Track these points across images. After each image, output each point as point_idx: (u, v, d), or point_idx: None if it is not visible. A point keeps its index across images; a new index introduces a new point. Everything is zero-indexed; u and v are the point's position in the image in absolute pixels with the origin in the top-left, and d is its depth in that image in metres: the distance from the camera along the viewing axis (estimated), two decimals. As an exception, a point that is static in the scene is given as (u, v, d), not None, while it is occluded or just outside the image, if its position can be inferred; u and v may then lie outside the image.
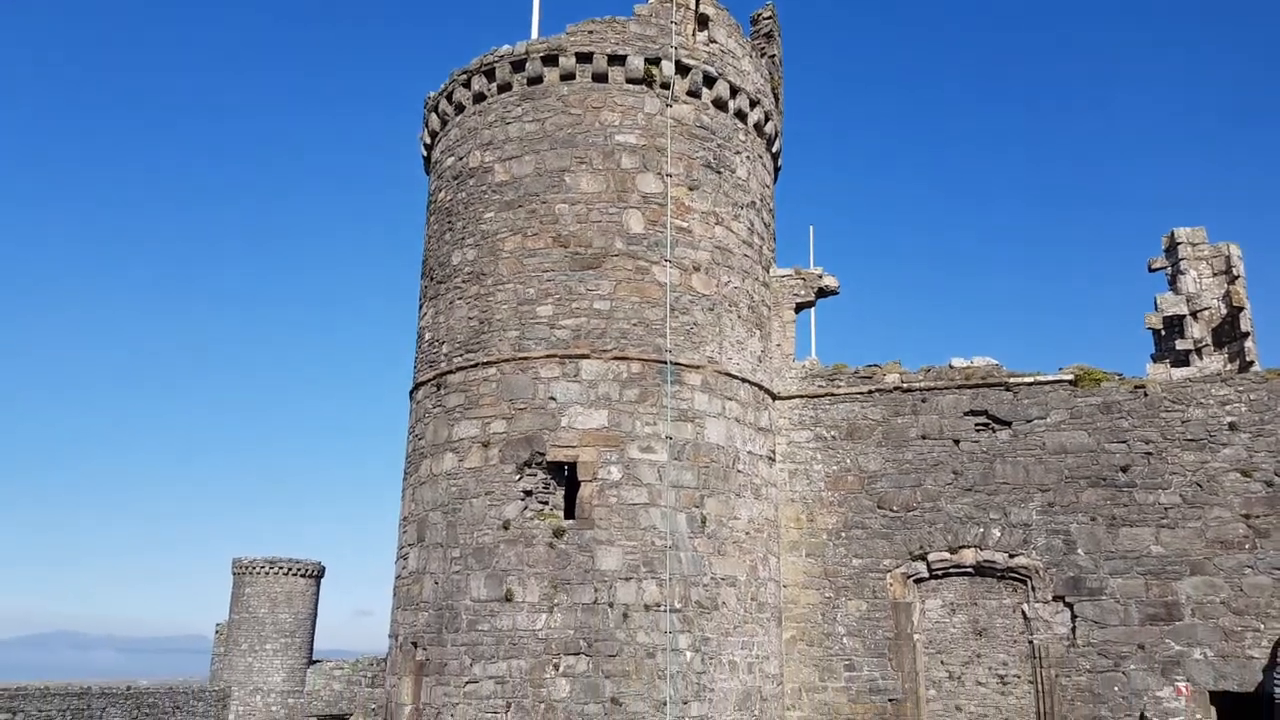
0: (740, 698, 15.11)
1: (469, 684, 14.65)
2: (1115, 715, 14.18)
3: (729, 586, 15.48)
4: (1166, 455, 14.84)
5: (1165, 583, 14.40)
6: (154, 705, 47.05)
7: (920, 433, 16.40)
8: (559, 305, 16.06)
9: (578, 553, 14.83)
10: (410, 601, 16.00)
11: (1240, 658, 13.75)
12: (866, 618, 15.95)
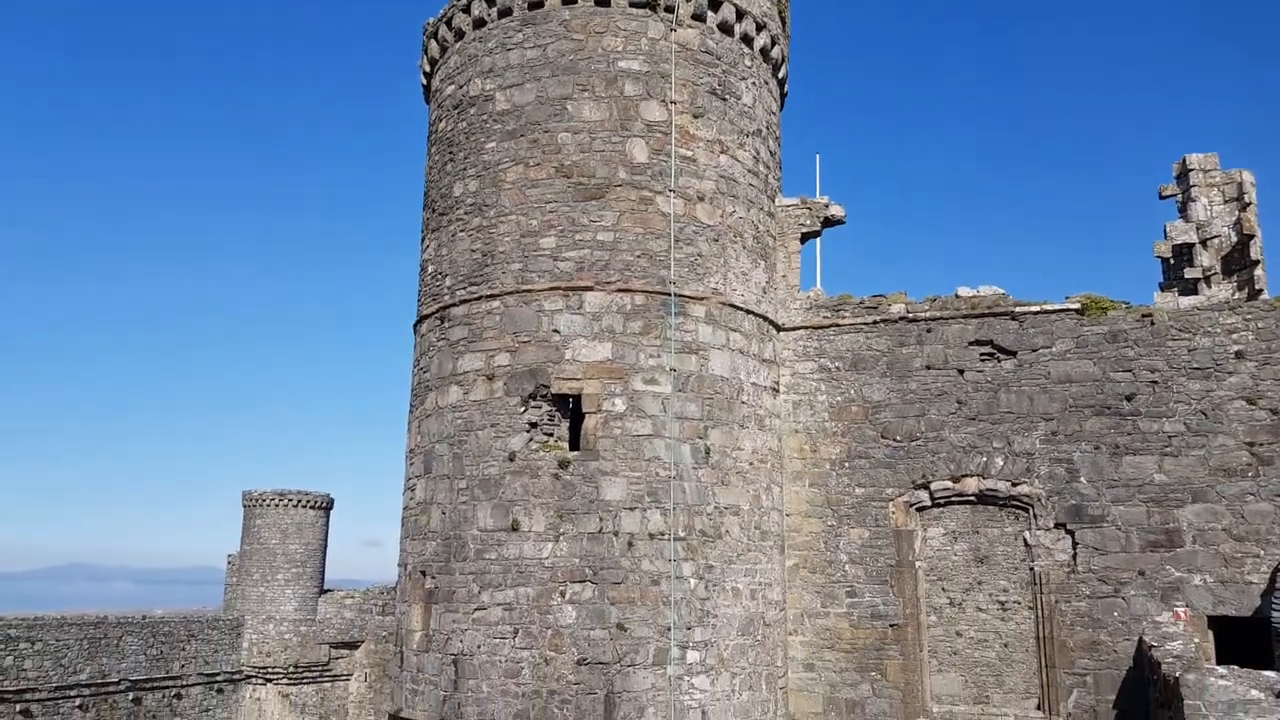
0: (743, 623, 15.37)
1: (477, 610, 14.91)
2: (1114, 640, 14.41)
3: (732, 515, 15.64)
4: (1172, 384, 14.82)
5: (1167, 510, 14.50)
6: (170, 634, 48.16)
7: (925, 363, 16.38)
8: (562, 237, 15.93)
9: (583, 483, 14.96)
10: (418, 531, 16.20)
11: (1239, 583, 13.92)
12: (869, 545, 16.13)
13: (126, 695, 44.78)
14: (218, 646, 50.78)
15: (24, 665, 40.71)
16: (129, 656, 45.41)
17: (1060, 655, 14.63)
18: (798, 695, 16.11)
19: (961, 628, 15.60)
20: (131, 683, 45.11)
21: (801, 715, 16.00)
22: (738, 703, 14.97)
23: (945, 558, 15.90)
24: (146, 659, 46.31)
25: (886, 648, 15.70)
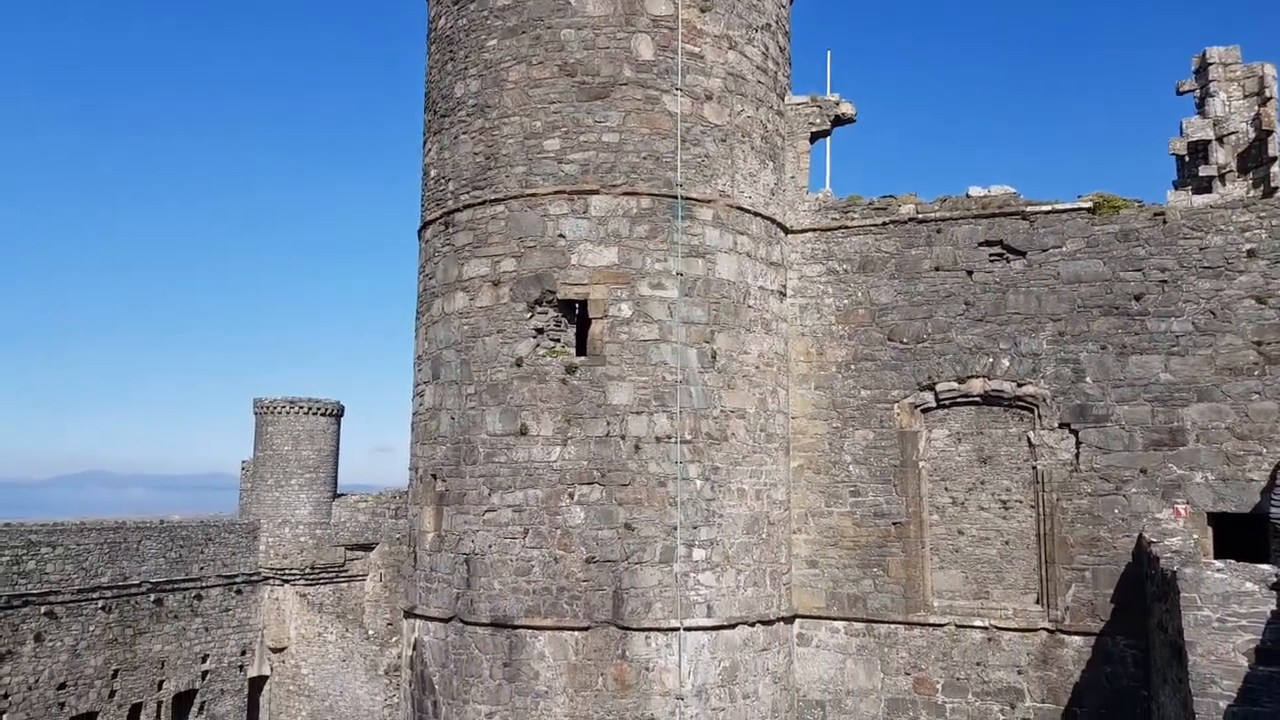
0: (748, 522, 15.66)
1: (488, 512, 15.20)
2: (1113, 536, 14.67)
3: (738, 419, 15.77)
4: (1182, 283, 14.72)
5: (1171, 409, 14.57)
6: (187, 538, 49.29)
7: (933, 264, 16.25)
8: (566, 139, 15.65)
9: (589, 388, 15.05)
10: (428, 436, 16.40)
11: (1240, 480, 14.07)
12: (873, 446, 16.29)
13: (148, 596, 46.11)
14: (235, 549, 52.01)
15: (46, 569, 41.83)
16: (149, 560, 46.61)
17: (1060, 551, 14.92)
18: (801, 590, 16.52)
19: (963, 526, 15.87)
20: (152, 584, 46.42)
21: (804, 609, 16.44)
22: (742, 598, 15.37)
23: (949, 458, 16.07)
24: (166, 562, 47.53)
25: (889, 545, 16.02)
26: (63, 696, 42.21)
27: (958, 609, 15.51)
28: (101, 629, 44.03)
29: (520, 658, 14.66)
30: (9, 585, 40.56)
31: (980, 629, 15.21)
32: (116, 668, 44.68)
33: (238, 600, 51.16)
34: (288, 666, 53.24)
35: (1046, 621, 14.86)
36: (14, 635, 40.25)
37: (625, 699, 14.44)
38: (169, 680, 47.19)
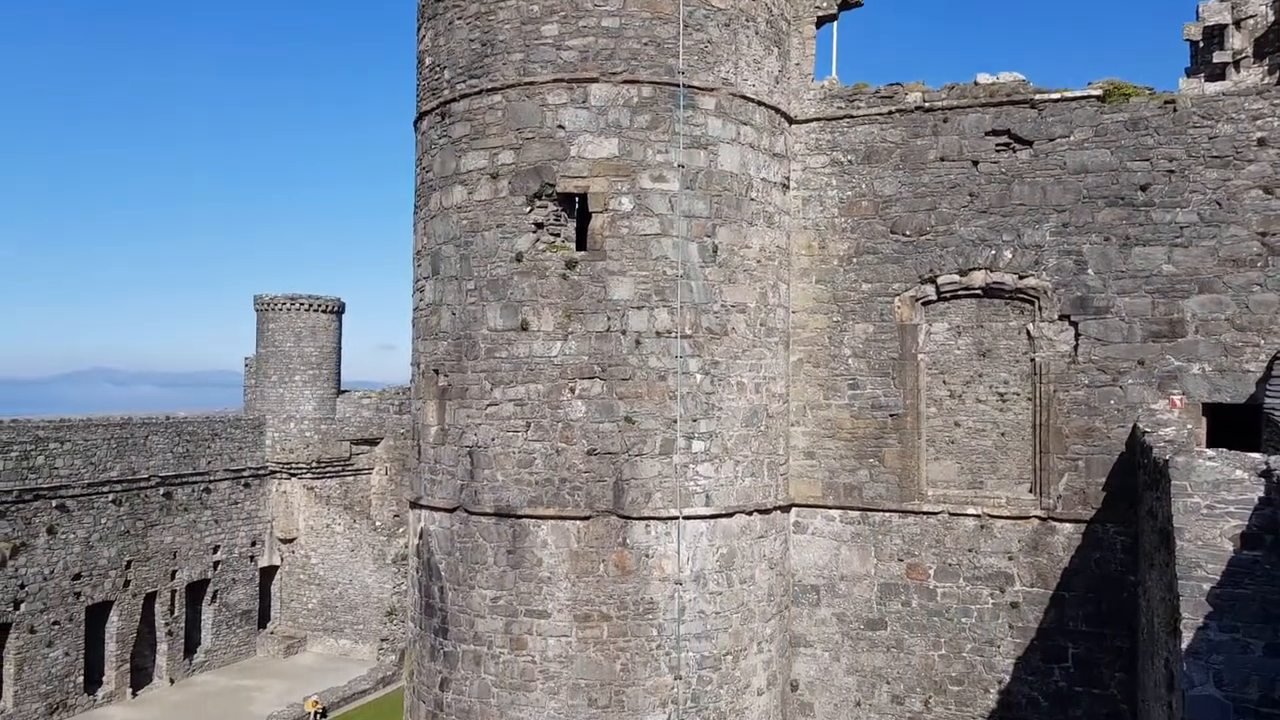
0: (747, 415, 15.84)
1: (490, 406, 15.35)
2: (1108, 427, 14.86)
3: (739, 313, 15.77)
4: (1189, 173, 14.51)
5: (1172, 301, 14.56)
6: (194, 433, 49.94)
7: (939, 154, 15.99)
8: (565, 24, 15.18)
9: (590, 283, 15.00)
10: (429, 332, 16.43)
11: (1237, 371, 14.17)
12: (873, 340, 16.35)
13: (157, 490, 47.02)
14: (241, 444, 52.78)
15: (56, 464, 42.53)
16: (156, 454, 47.35)
17: (1055, 442, 15.14)
18: (798, 481, 16.83)
19: (960, 418, 16.05)
20: (161, 479, 47.28)
21: (801, 499, 16.78)
22: (740, 488, 15.67)
23: (948, 352, 16.14)
24: (174, 456, 48.31)
25: (886, 436, 16.24)
26: (78, 586, 43.49)
27: (951, 498, 15.83)
28: (113, 521, 45.06)
29: (523, 545, 15.04)
30: (19, 480, 41.31)
31: (973, 517, 15.56)
32: (129, 559, 45.90)
33: (246, 493, 52.18)
34: (297, 557, 54.67)
35: (1039, 510, 15.19)
36: (27, 528, 41.22)
37: (625, 584, 14.87)
38: (181, 570, 48.53)
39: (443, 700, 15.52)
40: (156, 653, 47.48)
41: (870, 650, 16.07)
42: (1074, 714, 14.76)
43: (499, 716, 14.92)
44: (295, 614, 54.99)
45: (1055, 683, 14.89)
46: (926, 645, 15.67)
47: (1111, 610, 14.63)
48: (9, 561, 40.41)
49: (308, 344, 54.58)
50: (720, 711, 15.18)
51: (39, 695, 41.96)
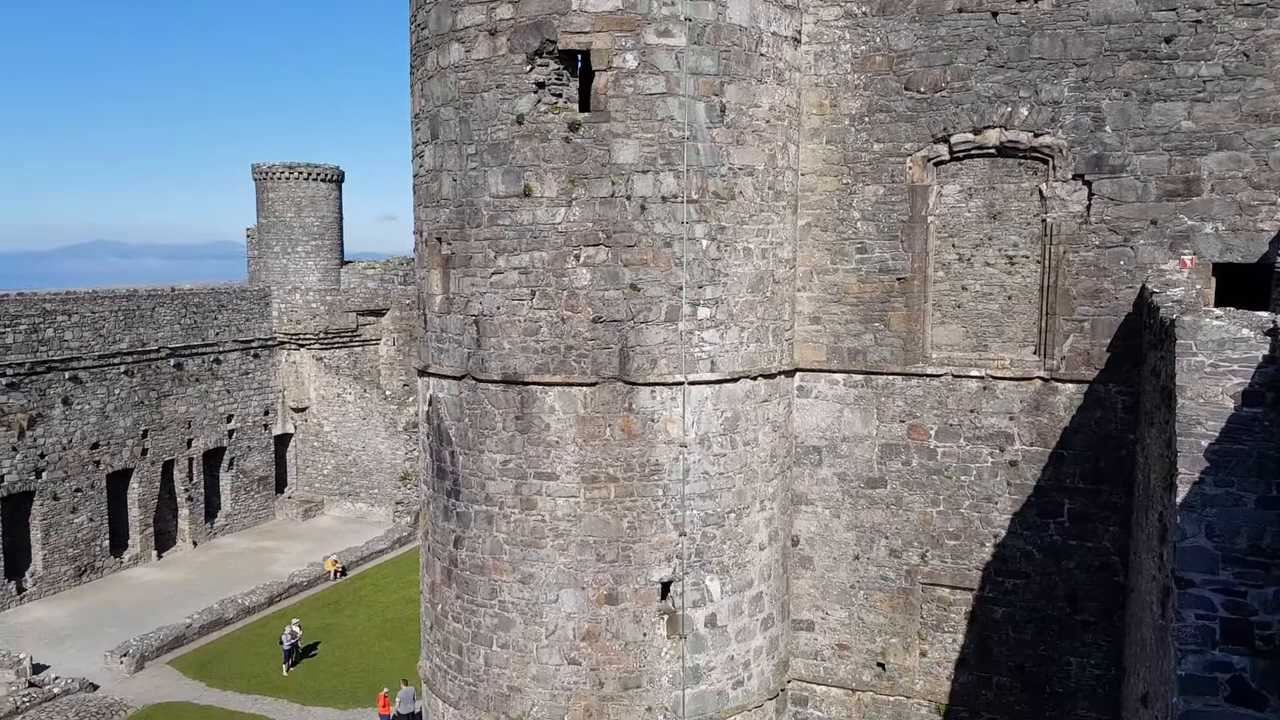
0: (753, 281, 15.77)
1: (494, 274, 15.29)
2: (1116, 288, 14.78)
3: (746, 176, 15.48)
4: (1216, 23, 13.92)
5: (1189, 158, 14.23)
6: (200, 305, 50.09)
7: (957, 5, 15.31)
8: None
9: (594, 146, 14.68)
10: (431, 199, 16.21)
11: (1250, 231, 13.97)
12: (882, 202, 16.10)
13: (167, 361, 47.57)
14: (248, 315, 52.97)
15: (65, 337, 42.90)
16: (164, 326, 47.67)
17: (1062, 303, 15.09)
18: (803, 346, 16.90)
19: (967, 282, 15.96)
20: (171, 350, 47.76)
21: (805, 363, 16.89)
22: (745, 353, 15.76)
23: (958, 214, 15.90)
24: (182, 328, 48.64)
25: (892, 300, 16.20)
26: (97, 455, 44.55)
27: (955, 360, 15.91)
28: (126, 392, 45.77)
29: (531, 411, 15.25)
30: (30, 352, 41.74)
31: (976, 379, 15.68)
32: (145, 428, 46.85)
33: (256, 364, 52.75)
34: (310, 425, 55.71)
35: (1042, 370, 15.28)
36: (42, 399, 41.93)
37: (632, 447, 15.15)
38: (197, 439, 49.60)
39: (457, 557, 16.07)
40: (178, 517, 49.08)
41: (870, 507, 16.50)
42: (1067, 566, 15.25)
43: (511, 571, 15.48)
44: (311, 480, 56.45)
45: (1050, 536, 15.33)
46: (925, 502, 16.07)
47: (1109, 468, 14.92)
48: (27, 432, 41.27)
49: (308, 214, 54.09)
50: (723, 565, 15.72)
51: (67, 559, 43.58)
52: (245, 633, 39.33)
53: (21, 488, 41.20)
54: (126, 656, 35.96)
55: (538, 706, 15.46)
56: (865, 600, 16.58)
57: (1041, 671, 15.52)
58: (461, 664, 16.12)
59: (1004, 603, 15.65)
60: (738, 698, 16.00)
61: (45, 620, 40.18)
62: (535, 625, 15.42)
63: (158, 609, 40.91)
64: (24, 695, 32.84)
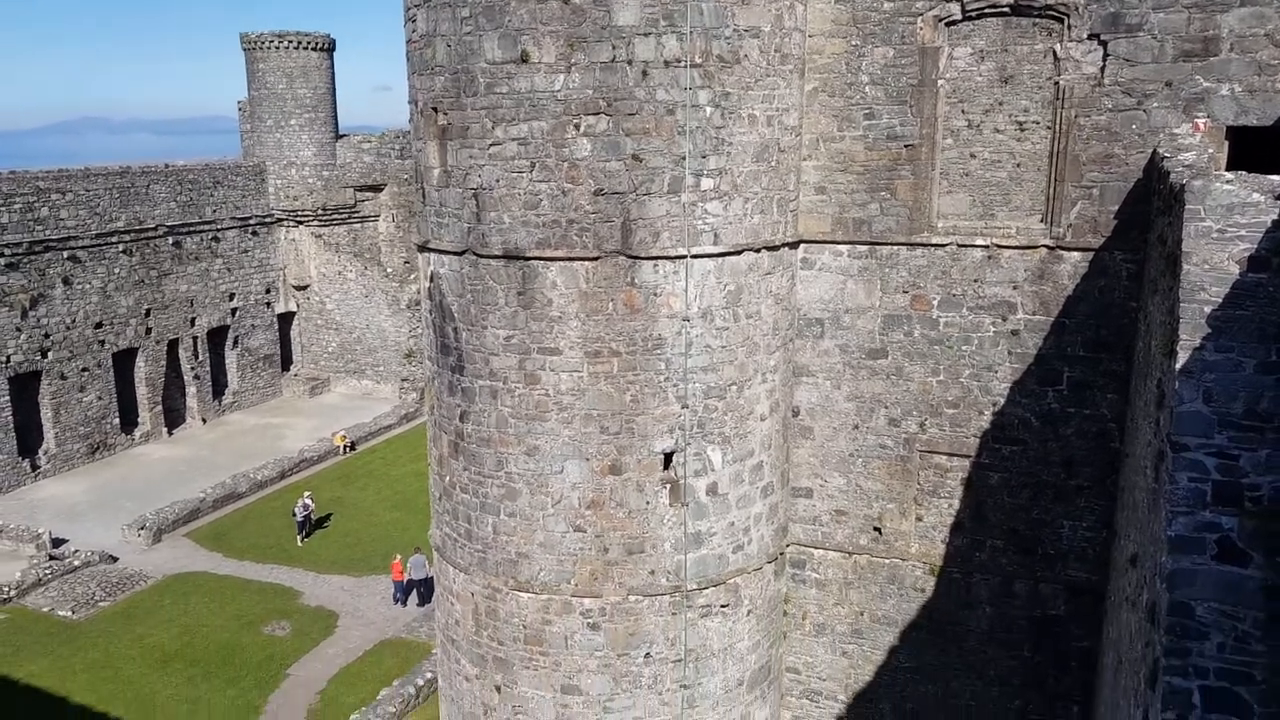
0: (758, 150, 15.46)
1: (492, 146, 14.98)
2: (1127, 153, 14.48)
3: (752, 38, 14.96)
4: None
5: (1209, 16, 13.69)
6: (195, 181, 49.37)
7: None
8: None
9: (593, 7, 14.13)
10: (425, 66, 15.73)
11: (1268, 92, 13.57)
12: (891, 65, 15.60)
13: (166, 240, 47.28)
14: (245, 192, 52.29)
15: (60, 215, 42.48)
16: (160, 204, 47.15)
17: (1071, 170, 14.82)
18: (807, 216, 16.70)
19: (976, 150, 15.64)
20: (168, 228, 47.39)
21: (809, 234, 16.73)
22: (748, 225, 15.59)
23: (969, 78, 15.44)
24: (178, 205, 48.13)
25: (899, 168, 15.91)
26: (101, 335, 44.78)
27: (961, 230, 15.75)
28: (126, 271, 45.64)
29: (533, 287, 15.21)
30: (27, 231, 41.41)
31: (981, 248, 15.56)
32: (148, 307, 46.92)
33: (255, 242, 52.40)
34: (313, 303, 55.76)
35: (1048, 239, 15.15)
36: (42, 279, 41.85)
37: (634, 321, 15.18)
38: (200, 317, 49.74)
39: (463, 431, 16.34)
40: (186, 395, 49.72)
41: (870, 378, 16.64)
42: (1064, 433, 15.49)
43: (517, 444, 15.76)
44: (316, 357, 56.88)
45: (1048, 404, 15.51)
46: (926, 372, 16.20)
47: (1110, 336, 14.97)
48: (29, 312, 41.38)
49: (300, 85, 52.70)
50: (725, 436, 15.98)
51: (79, 436, 44.38)
52: (258, 506, 40.44)
53: (29, 368, 41.60)
54: (144, 529, 37.06)
55: (545, 571, 16.00)
56: (864, 468, 16.92)
57: (1034, 534, 15.97)
58: (471, 532, 16.60)
59: (1000, 469, 15.97)
60: (738, 561, 16.53)
61: (61, 496, 41.24)
62: (541, 495, 15.80)
63: (171, 484, 41.93)
64: (46, 568, 34.00)
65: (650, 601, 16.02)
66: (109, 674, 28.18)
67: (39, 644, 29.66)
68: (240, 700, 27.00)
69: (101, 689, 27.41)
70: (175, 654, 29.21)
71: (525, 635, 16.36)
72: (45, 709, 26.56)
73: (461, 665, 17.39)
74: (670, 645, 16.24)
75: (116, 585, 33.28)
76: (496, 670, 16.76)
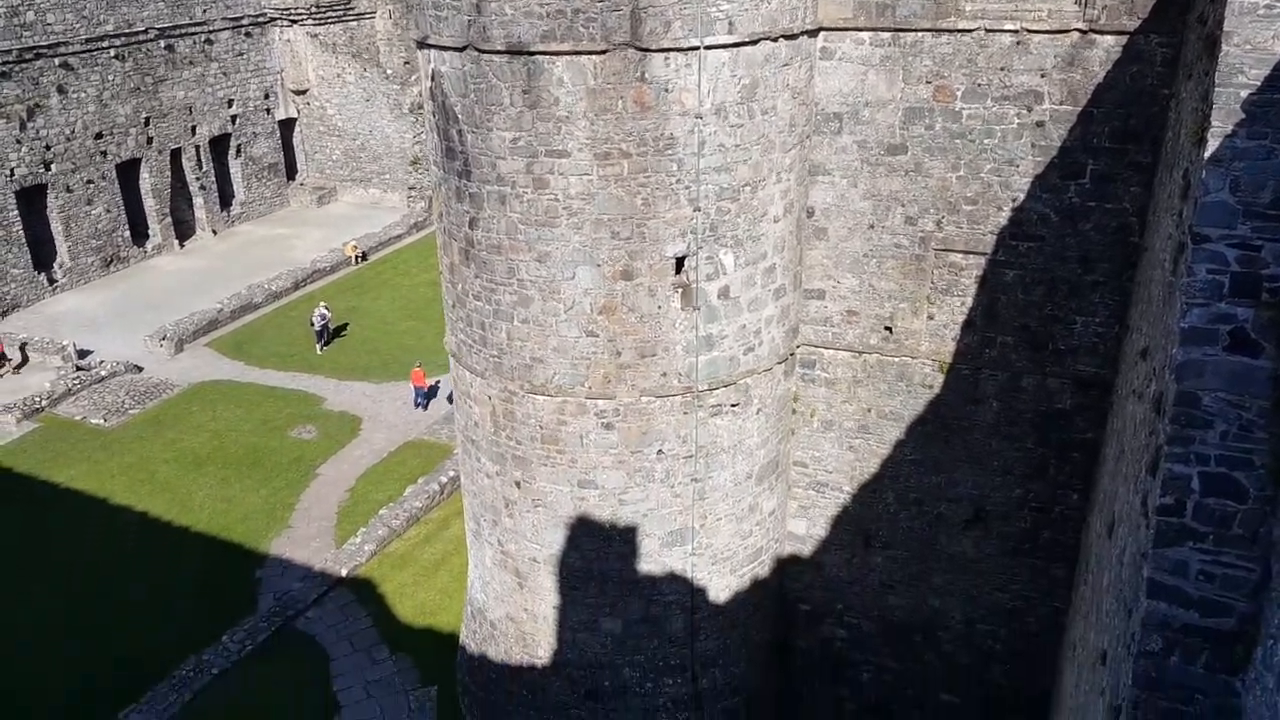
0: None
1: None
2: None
3: None
4: None
5: None
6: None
7: None
8: None
9: None
10: None
11: None
12: None
13: (157, 44, 45.50)
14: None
15: (47, 20, 40.76)
16: (148, 4, 45.06)
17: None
18: (827, 2, 15.72)
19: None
20: (159, 30, 45.48)
21: (830, 21, 15.82)
22: (765, 11, 14.69)
23: None
24: (167, 6, 46.02)
25: (925, -52, 14.83)
26: (103, 145, 43.98)
27: (990, 12, 14.82)
28: (121, 78, 44.26)
29: (539, 85, 14.61)
30: (14, 38, 39.90)
31: (1010, 32, 14.71)
32: (147, 115, 45.82)
33: (249, 44, 50.40)
34: (313, 108, 54.25)
35: (1081, 21, 14.28)
36: (36, 88, 40.69)
37: (645, 120, 14.66)
38: (200, 125, 48.64)
39: (473, 238, 16.19)
40: (194, 206, 49.37)
41: (888, 175, 16.21)
42: (1083, 228, 15.22)
43: (527, 250, 15.64)
44: (321, 165, 55.96)
45: (1069, 199, 15.14)
46: (945, 168, 15.75)
47: (1138, 126, 14.40)
48: (28, 124, 40.50)
49: None
50: (738, 238, 15.79)
51: (91, 250, 44.48)
52: (275, 316, 40.99)
53: (33, 181, 41.19)
54: (165, 339, 37.79)
55: (559, 375, 16.27)
56: (877, 268, 16.79)
57: (1045, 330, 16.02)
58: (485, 339, 16.78)
59: (1015, 266, 15.81)
60: (748, 363, 16.74)
61: (79, 309, 41.84)
62: (553, 301, 15.83)
63: (186, 296, 42.38)
64: (74, 378, 34.95)
65: (662, 402, 16.36)
66: (145, 476, 29.52)
67: (75, 450, 30.92)
68: (273, 499, 28.37)
69: (139, 490, 28.81)
70: (207, 457, 30.45)
71: (542, 435, 16.85)
72: (88, 509, 28.04)
73: (482, 463, 18.05)
74: (682, 442, 16.73)
75: (144, 394, 34.29)
76: (515, 468, 17.40)
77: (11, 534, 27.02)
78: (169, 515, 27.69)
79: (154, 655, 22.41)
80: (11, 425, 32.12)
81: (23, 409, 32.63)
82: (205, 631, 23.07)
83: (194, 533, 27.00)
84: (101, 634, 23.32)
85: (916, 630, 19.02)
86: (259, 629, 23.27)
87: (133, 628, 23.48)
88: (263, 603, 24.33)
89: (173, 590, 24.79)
